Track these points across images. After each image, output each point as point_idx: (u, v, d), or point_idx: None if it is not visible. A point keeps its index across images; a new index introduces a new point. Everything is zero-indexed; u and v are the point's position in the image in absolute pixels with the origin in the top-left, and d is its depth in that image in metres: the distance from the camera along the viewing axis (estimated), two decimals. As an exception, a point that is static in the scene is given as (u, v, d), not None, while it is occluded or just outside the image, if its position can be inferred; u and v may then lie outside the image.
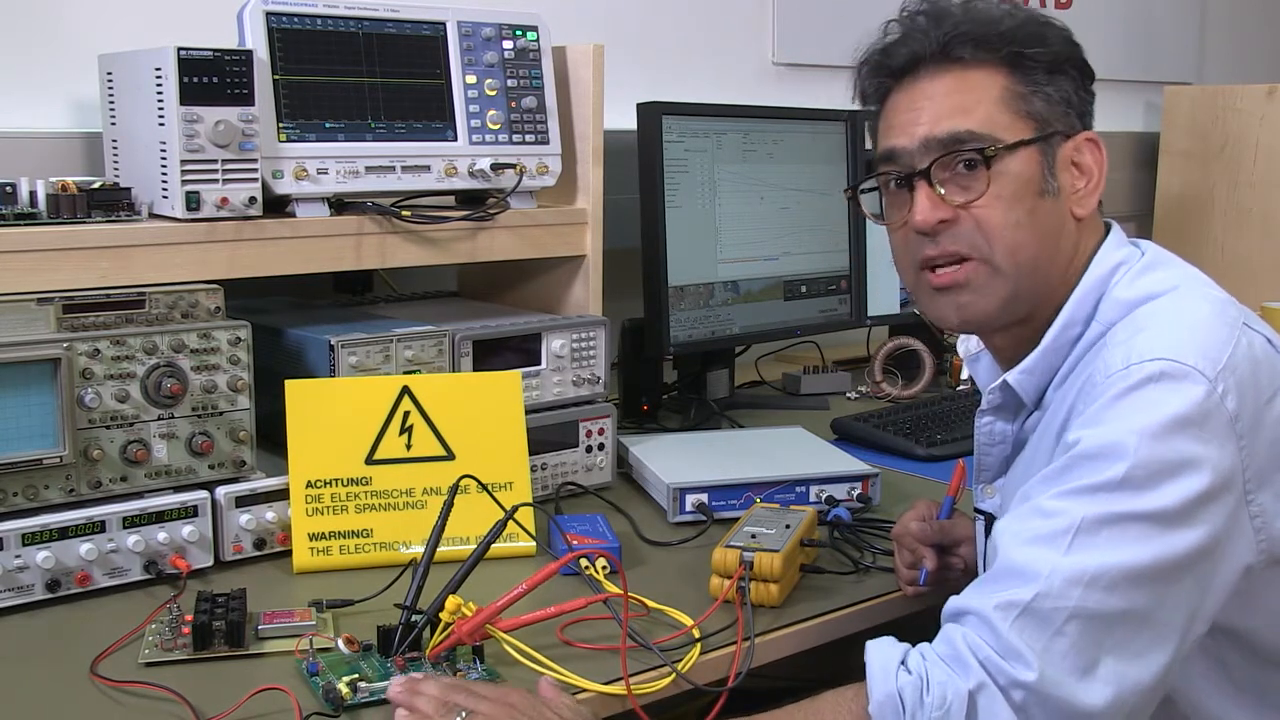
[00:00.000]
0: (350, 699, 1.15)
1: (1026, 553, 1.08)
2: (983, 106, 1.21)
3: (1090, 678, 1.05)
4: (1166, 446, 1.05)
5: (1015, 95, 1.22)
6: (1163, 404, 1.06)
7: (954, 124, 1.21)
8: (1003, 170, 1.20)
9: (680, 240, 2.13)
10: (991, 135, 1.20)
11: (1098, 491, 1.06)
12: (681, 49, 2.59)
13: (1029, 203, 1.21)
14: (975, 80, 1.22)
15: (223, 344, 1.48)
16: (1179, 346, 1.09)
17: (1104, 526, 1.05)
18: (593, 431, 1.79)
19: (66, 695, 1.18)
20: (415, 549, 1.47)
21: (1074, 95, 1.24)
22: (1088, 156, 1.24)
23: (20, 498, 1.37)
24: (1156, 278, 1.22)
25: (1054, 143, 1.22)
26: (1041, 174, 1.22)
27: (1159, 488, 1.05)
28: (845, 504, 1.70)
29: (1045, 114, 1.22)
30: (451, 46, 1.70)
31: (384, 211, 1.64)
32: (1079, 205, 1.24)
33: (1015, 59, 1.22)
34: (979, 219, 1.21)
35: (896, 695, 1.08)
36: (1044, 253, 1.23)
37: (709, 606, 1.36)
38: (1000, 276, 1.22)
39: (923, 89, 1.24)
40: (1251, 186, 3.09)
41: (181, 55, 1.45)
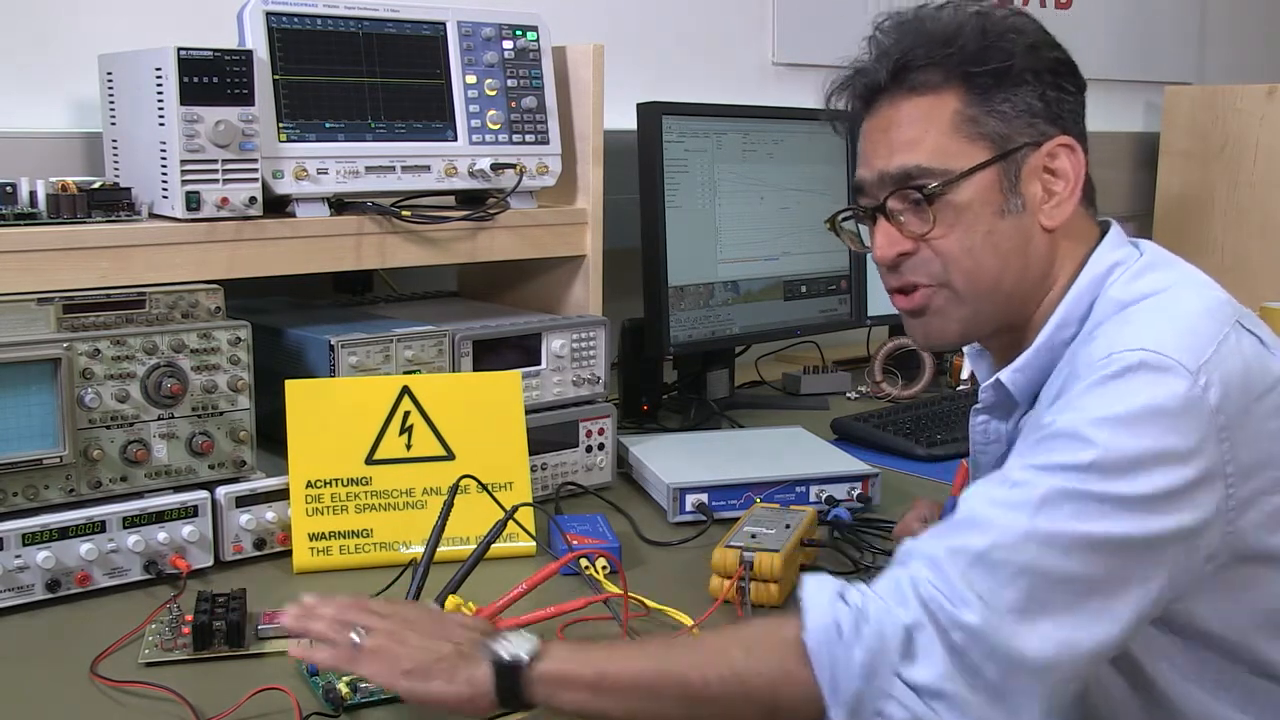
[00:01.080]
0: (350, 699, 1.15)
1: (989, 510, 1.07)
2: (931, 136, 1.20)
3: (1033, 629, 1.03)
4: (1139, 436, 1.04)
5: (966, 119, 1.20)
6: (1139, 393, 1.06)
7: (904, 159, 1.21)
8: (953, 201, 1.20)
9: (680, 240, 2.13)
10: (942, 168, 1.19)
11: (1064, 469, 1.05)
12: (681, 49, 2.59)
13: (985, 225, 1.20)
14: (926, 108, 1.21)
15: (223, 344, 1.48)
16: (1162, 339, 1.08)
17: (1069, 500, 1.04)
18: (593, 431, 1.79)
19: (66, 695, 1.18)
20: (415, 549, 1.47)
21: (1038, 102, 1.21)
22: (1062, 162, 1.22)
23: (20, 498, 1.37)
24: (1153, 278, 1.21)
25: (1018, 158, 1.20)
26: (1000, 194, 1.20)
27: (1129, 476, 1.04)
28: (845, 504, 1.70)
29: (1003, 131, 1.20)
30: (451, 46, 1.70)
31: (384, 211, 1.64)
32: (1048, 216, 1.22)
33: (967, 78, 1.20)
34: (936, 249, 1.22)
35: (834, 625, 1.06)
36: (1008, 272, 1.22)
37: (709, 606, 1.36)
38: (959, 301, 1.24)
39: (881, 119, 1.24)
40: (1251, 186, 3.09)
41: (181, 55, 1.45)
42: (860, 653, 1.04)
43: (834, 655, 1.05)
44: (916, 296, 1.25)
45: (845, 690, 1.04)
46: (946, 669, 1.03)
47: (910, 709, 1.03)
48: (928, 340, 1.29)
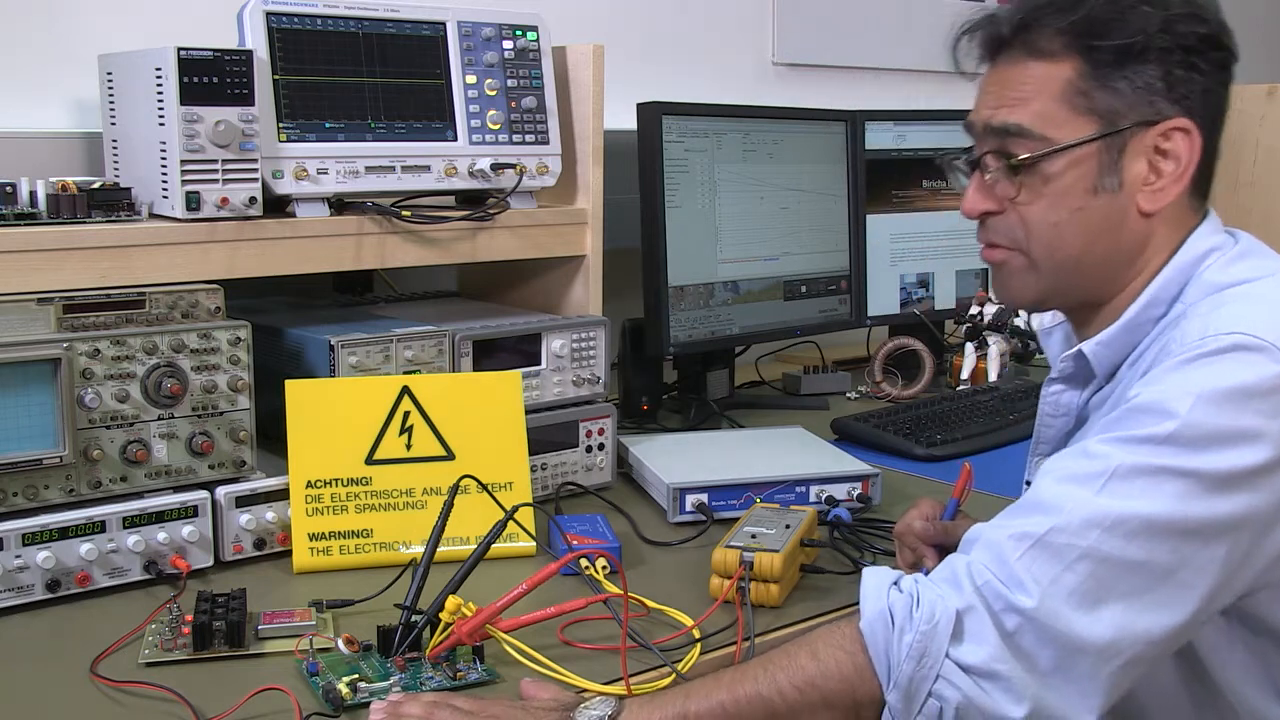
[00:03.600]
0: (350, 699, 1.15)
1: (1056, 489, 1.07)
2: (1039, 100, 1.19)
3: (1093, 615, 1.04)
4: (1222, 412, 1.04)
5: (1077, 91, 1.18)
6: (1229, 373, 1.05)
7: (1008, 116, 1.20)
8: (1045, 172, 1.19)
9: (680, 240, 2.13)
10: (1041, 133, 1.18)
11: (1143, 442, 1.05)
12: (681, 49, 2.59)
13: (1075, 201, 1.19)
14: (1039, 72, 1.19)
15: (223, 344, 1.48)
16: (1257, 322, 1.08)
17: (1140, 475, 1.04)
18: (593, 431, 1.79)
19: (66, 695, 1.18)
20: (415, 549, 1.47)
21: (1160, 81, 1.17)
22: (1176, 144, 1.18)
23: (20, 498, 1.37)
24: (1249, 265, 1.20)
25: (1124, 136, 1.18)
26: (1096, 171, 1.18)
27: (1207, 451, 1.04)
28: (845, 504, 1.70)
29: (1114, 107, 1.17)
30: (451, 46, 1.70)
31: (384, 211, 1.64)
32: (1148, 200, 1.19)
33: (1087, 51, 1.17)
34: (1021, 215, 1.21)
35: (887, 611, 1.08)
36: (1093, 250, 1.21)
37: (709, 606, 1.36)
38: (1035, 271, 1.23)
39: (999, 70, 1.23)
40: (1251, 186, 3.09)
41: (181, 55, 1.45)
42: (910, 635, 1.06)
43: (887, 639, 1.07)
44: (996, 254, 1.25)
45: (898, 673, 1.06)
46: (997, 650, 1.04)
47: (961, 689, 1.05)
48: (1003, 296, 1.29)
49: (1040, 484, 1.10)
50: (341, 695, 1.15)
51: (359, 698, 1.15)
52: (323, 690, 1.16)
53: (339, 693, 1.15)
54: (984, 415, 2.19)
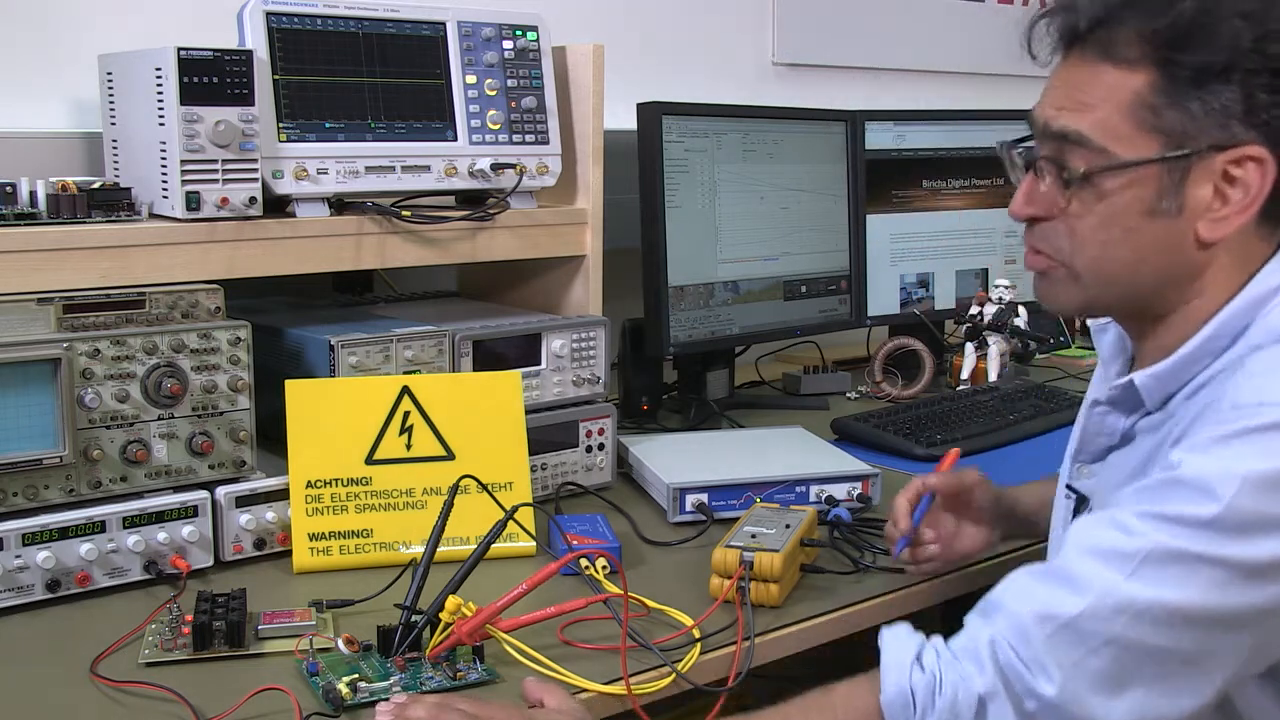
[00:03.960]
0: (350, 699, 1.15)
1: (1088, 564, 1.03)
2: (1105, 108, 1.10)
3: (1113, 699, 1.02)
4: (1268, 499, 0.98)
5: (1145, 106, 1.09)
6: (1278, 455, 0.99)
7: (1068, 120, 1.12)
8: (1100, 188, 1.12)
9: (680, 240, 2.13)
10: (1101, 145, 1.10)
11: (1182, 524, 1.00)
12: (681, 49, 2.59)
13: (1129, 221, 1.12)
14: (1109, 78, 1.10)
15: (223, 344, 1.48)
16: None
17: (1174, 561, 1.00)
18: (593, 431, 1.79)
19: (66, 695, 1.18)
20: (415, 549, 1.47)
21: (1239, 104, 1.07)
22: (1247, 172, 1.08)
23: (20, 498, 1.37)
24: None
25: (1189, 159, 1.09)
26: (1155, 193, 1.10)
27: (1247, 540, 0.99)
28: (845, 504, 1.70)
29: (1184, 128, 1.08)
30: (451, 46, 1.70)
31: (384, 211, 1.64)
32: (1209, 228, 1.11)
33: (1164, 64, 1.08)
34: (1070, 226, 1.15)
35: (909, 691, 1.07)
36: (1141, 273, 1.14)
37: (709, 606, 1.36)
38: (1079, 285, 1.17)
39: (1069, 67, 1.14)
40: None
41: (181, 55, 1.45)
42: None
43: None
44: (1039, 261, 1.20)
45: None
46: None
47: None
48: (1046, 303, 1.23)
49: (1070, 553, 1.06)
50: (341, 695, 1.15)
51: (359, 698, 1.15)
52: (323, 690, 1.16)
53: (339, 693, 1.15)
54: (984, 415, 2.19)
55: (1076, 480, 1.31)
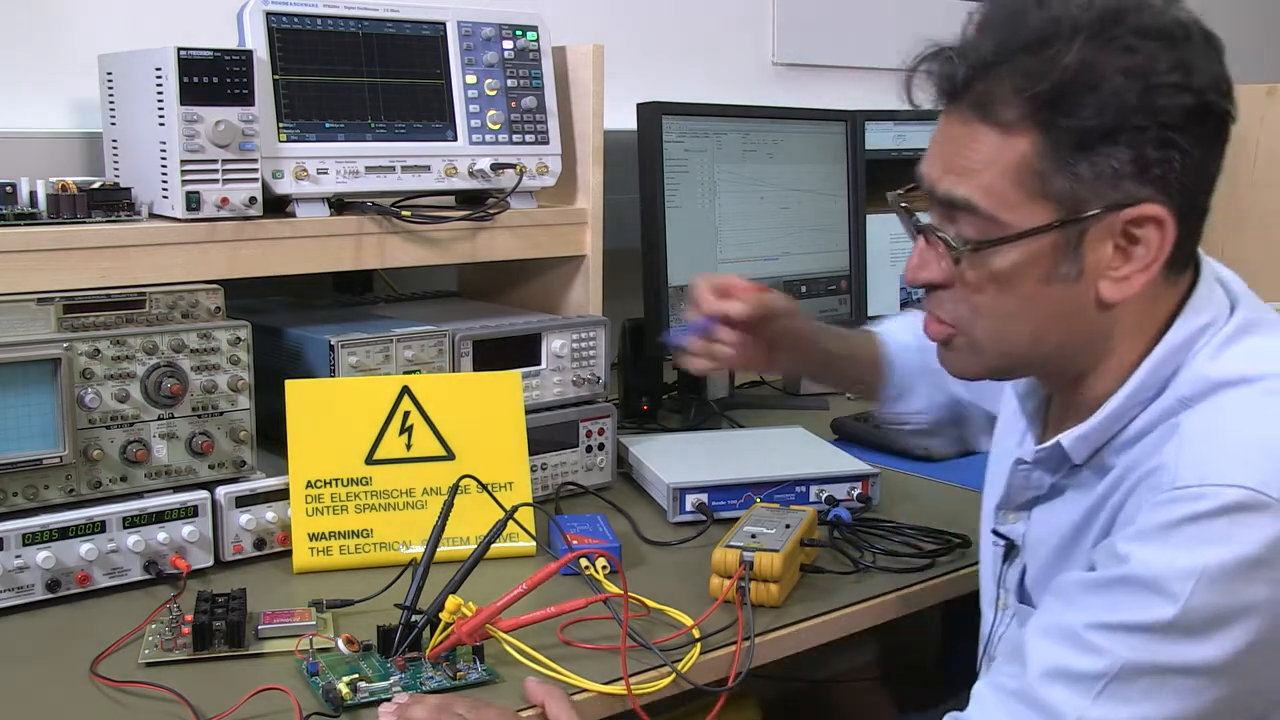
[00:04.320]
0: (350, 699, 1.15)
1: (1052, 689, 1.00)
2: (989, 174, 1.04)
3: None
4: (1227, 593, 0.95)
5: (1032, 172, 1.03)
6: (1233, 542, 0.95)
7: (953, 187, 1.06)
8: (994, 259, 1.06)
9: (680, 240, 2.13)
10: (991, 214, 1.04)
11: (1141, 632, 0.97)
12: (681, 49, 2.58)
13: (1026, 289, 1.06)
14: (991, 141, 1.04)
15: (223, 344, 1.48)
16: (1263, 471, 0.96)
17: (1141, 676, 0.97)
18: (593, 431, 1.79)
19: (66, 695, 1.18)
20: (415, 549, 1.47)
21: (1130, 164, 1.01)
22: (1147, 233, 1.03)
23: (20, 498, 1.37)
24: (1246, 350, 1.07)
25: (1084, 224, 1.03)
26: (1052, 261, 1.05)
27: (1209, 638, 0.95)
28: (845, 504, 1.70)
29: (1075, 192, 1.02)
30: (451, 46, 1.70)
31: (384, 211, 1.64)
32: (1111, 289, 1.05)
33: (1047, 127, 1.01)
34: (967, 295, 1.09)
35: None
36: (1044, 340, 1.10)
37: (709, 606, 1.36)
38: (981, 356, 1.13)
39: (949, 124, 1.08)
40: (1251, 187, 3.09)
41: (181, 55, 1.45)
42: None
43: None
44: (937, 330, 1.15)
45: None
46: None
47: None
48: (951, 372, 1.19)
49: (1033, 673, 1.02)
50: (341, 695, 1.15)
51: (359, 698, 1.15)
52: (323, 690, 1.16)
53: (339, 693, 1.15)
54: (984, 415, 2.19)
55: (1003, 525, 1.26)
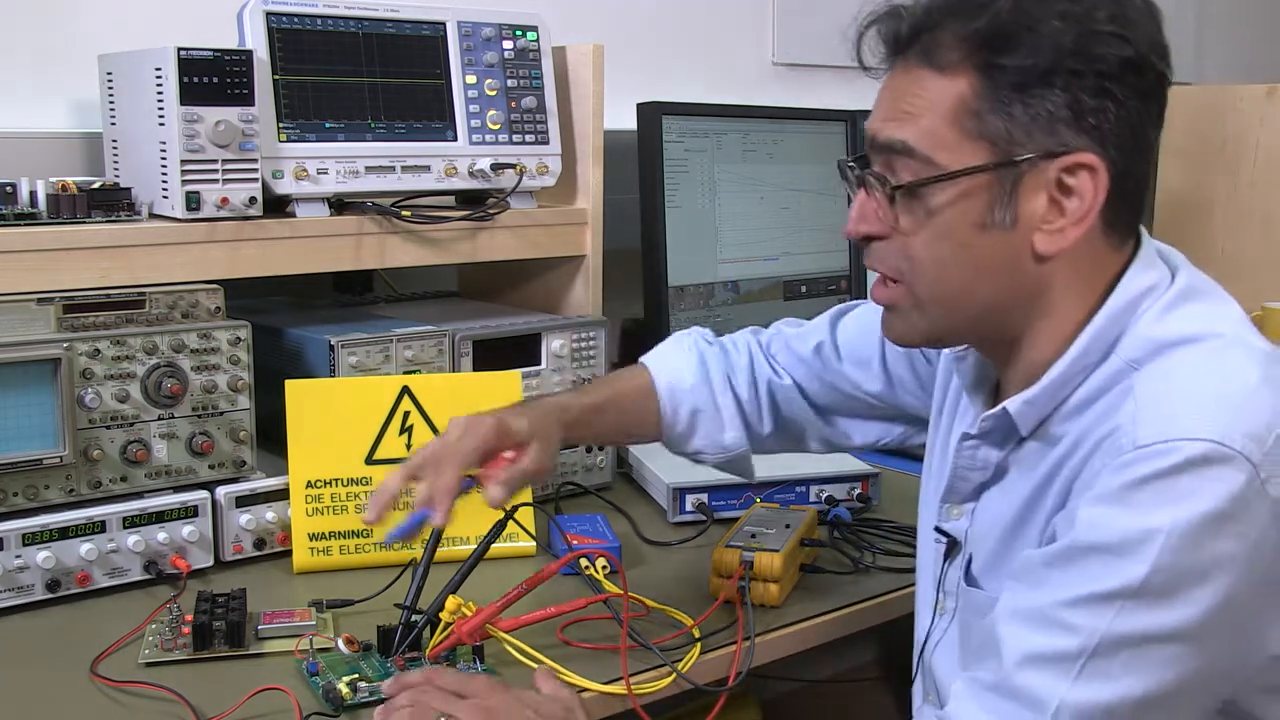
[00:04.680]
0: (350, 699, 1.15)
1: (1030, 676, 0.98)
2: (929, 117, 1.04)
3: None
4: (1197, 548, 0.93)
5: (969, 112, 1.03)
6: (1200, 496, 0.93)
7: (894, 131, 1.06)
8: (929, 201, 1.05)
9: (680, 240, 2.13)
10: (927, 155, 1.04)
11: (1113, 599, 0.95)
12: (681, 49, 2.58)
13: (960, 236, 1.05)
14: (932, 85, 1.04)
15: (223, 344, 1.48)
16: (1223, 422, 0.95)
17: (1120, 648, 0.95)
18: (593, 431, 1.79)
19: (66, 695, 1.18)
20: (415, 549, 1.47)
21: (1065, 109, 1.01)
22: (1081, 182, 1.03)
23: (20, 498, 1.37)
24: (1191, 313, 1.06)
25: (1020, 168, 1.02)
26: (986, 205, 1.04)
27: (1181, 598, 0.94)
28: (845, 504, 1.70)
29: (1010, 134, 1.02)
30: (451, 46, 1.70)
31: (384, 211, 1.64)
32: (1045, 241, 1.04)
33: (984, 68, 1.02)
34: (904, 244, 1.08)
35: None
36: (981, 290, 1.08)
37: (709, 606, 1.36)
38: (922, 313, 1.10)
39: (894, 77, 1.09)
40: (1251, 186, 3.09)
41: (181, 55, 1.45)
42: None
43: None
44: (885, 293, 1.13)
45: None
46: None
47: None
48: (889, 336, 1.16)
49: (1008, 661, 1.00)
50: (341, 695, 1.15)
51: (359, 698, 1.15)
52: (323, 690, 1.16)
53: (339, 693, 1.15)
54: (984, 415, 2.18)
55: (945, 522, 1.23)
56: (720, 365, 1.45)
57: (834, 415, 1.49)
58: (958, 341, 1.19)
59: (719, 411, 1.44)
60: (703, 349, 1.47)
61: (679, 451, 1.47)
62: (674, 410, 1.43)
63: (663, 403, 1.43)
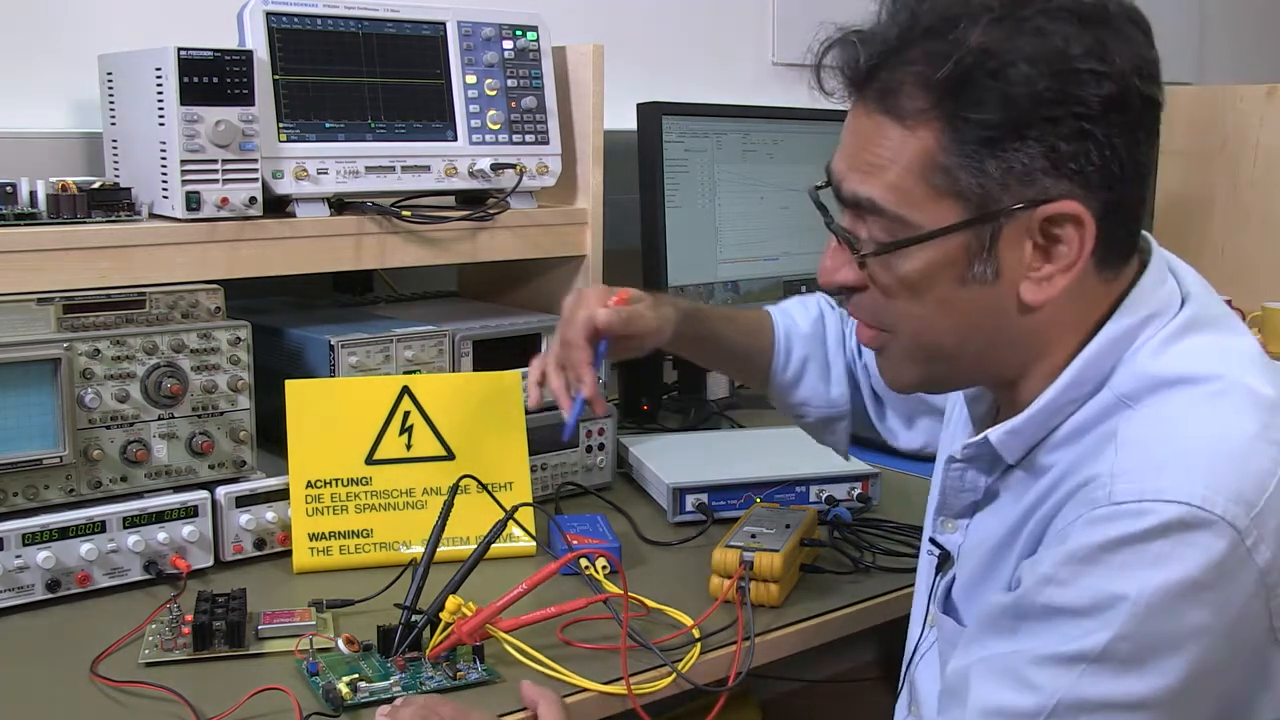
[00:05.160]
0: (350, 699, 1.15)
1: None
2: (894, 170, 0.97)
3: None
4: (1168, 617, 0.88)
5: (937, 168, 0.95)
6: (1174, 563, 0.87)
7: (859, 185, 1.00)
8: (903, 260, 0.99)
9: (680, 240, 2.13)
10: (897, 213, 0.97)
11: (1076, 662, 0.90)
12: (681, 49, 2.58)
13: (943, 293, 0.99)
14: (894, 134, 0.97)
15: (223, 344, 1.48)
16: (1207, 484, 0.89)
17: (1079, 713, 0.90)
18: (593, 431, 1.79)
19: (66, 695, 1.18)
20: (415, 549, 1.47)
21: (1043, 159, 0.93)
22: (1066, 231, 0.95)
23: (20, 498, 1.37)
24: (1194, 348, 0.99)
25: (997, 222, 0.96)
26: (965, 262, 0.97)
27: (1147, 668, 0.88)
28: (845, 504, 1.70)
29: (984, 189, 0.94)
30: (451, 46, 1.70)
31: (384, 211, 1.64)
32: (1032, 290, 0.97)
33: (951, 120, 0.94)
34: (883, 298, 1.03)
35: None
36: (970, 342, 1.02)
37: (709, 606, 1.36)
38: (912, 360, 1.05)
39: (856, 117, 1.02)
40: (1251, 186, 3.09)
41: (181, 55, 1.45)
42: None
43: None
44: (867, 335, 1.08)
45: None
46: None
47: None
48: (887, 383, 1.12)
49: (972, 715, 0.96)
50: (341, 695, 1.15)
51: (359, 698, 1.15)
52: (323, 690, 1.16)
53: (339, 693, 1.15)
54: (984, 415, 2.18)
55: (940, 534, 1.19)
56: (835, 325, 1.48)
57: (885, 408, 1.52)
58: (957, 386, 1.14)
59: (829, 366, 1.46)
60: (824, 308, 1.50)
61: (783, 401, 1.50)
62: (787, 352, 1.47)
63: (778, 342, 1.47)
